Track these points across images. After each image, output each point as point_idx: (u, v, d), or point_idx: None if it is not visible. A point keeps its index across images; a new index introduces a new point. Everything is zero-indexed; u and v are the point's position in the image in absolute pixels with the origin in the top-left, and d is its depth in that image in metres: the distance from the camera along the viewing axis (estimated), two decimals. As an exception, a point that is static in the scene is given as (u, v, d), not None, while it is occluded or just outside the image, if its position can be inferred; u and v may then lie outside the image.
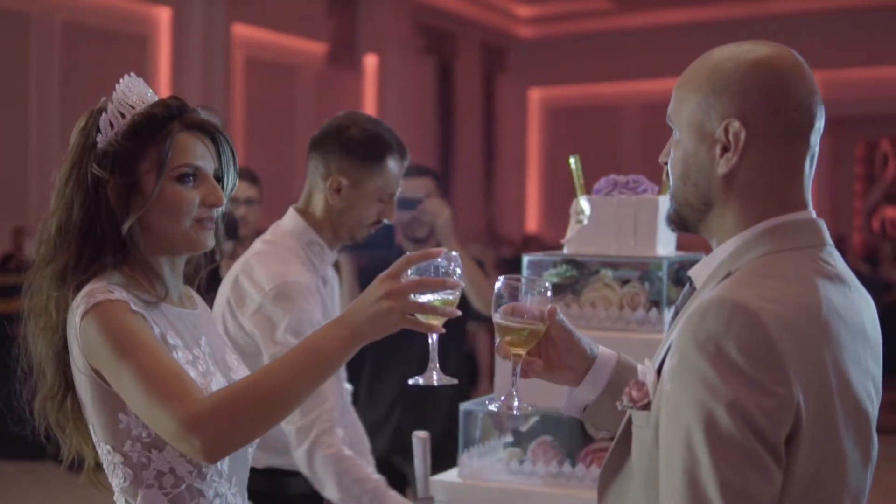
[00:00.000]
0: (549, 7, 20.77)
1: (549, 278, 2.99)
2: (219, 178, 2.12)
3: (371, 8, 18.08)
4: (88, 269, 2.02)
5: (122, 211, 2.02)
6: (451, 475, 2.99)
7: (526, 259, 3.08)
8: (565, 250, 3.12)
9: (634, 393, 1.72)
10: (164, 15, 14.80)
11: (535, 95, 22.27)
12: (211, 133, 2.10)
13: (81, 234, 2.02)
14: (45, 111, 12.59)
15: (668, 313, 2.84)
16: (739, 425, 1.52)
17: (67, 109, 12.89)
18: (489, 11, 20.49)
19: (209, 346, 2.13)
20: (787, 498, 1.57)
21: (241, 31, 15.79)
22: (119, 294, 1.98)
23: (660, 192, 3.08)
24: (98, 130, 2.03)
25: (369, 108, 18.38)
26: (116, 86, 2.07)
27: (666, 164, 1.85)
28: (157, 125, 2.04)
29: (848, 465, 1.65)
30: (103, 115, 2.05)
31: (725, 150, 1.73)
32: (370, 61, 18.37)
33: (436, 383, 1.89)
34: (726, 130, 1.72)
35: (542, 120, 22.09)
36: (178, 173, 2.05)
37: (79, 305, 1.97)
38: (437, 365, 1.90)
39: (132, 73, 2.13)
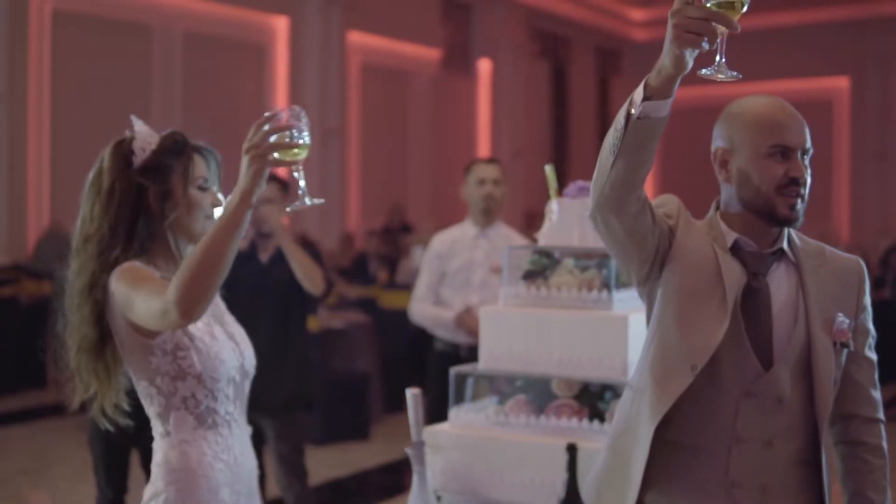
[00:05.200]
0: (663, 10, 20.63)
1: (525, 266, 3.63)
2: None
3: (485, 13, 18.20)
4: (129, 254, 2.63)
5: (158, 211, 2.66)
6: (442, 426, 3.53)
7: (508, 249, 3.74)
8: (539, 243, 3.71)
9: (845, 335, 2.48)
10: (281, 24, 15.12)
11: (651, 98, 22.15)
12: (207, 154, 2.76)
13: (128, 229, 2.64)
14: (167, 118, 12.94)
15: (616, 294, 3.44)
16: None
17: (189, 116, 13.26)
18: (603, 16, 20.49)
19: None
20: None
21: (356, 38, 16.02)
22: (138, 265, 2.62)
23: None
24: (133, 153, 2.66)
25: (483, 112, 18.49)
26: (134, 128, 2.72)
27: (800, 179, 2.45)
28: (180, 147, 2.70)
29: None
30: (134, 143, 2.67)
31: None
32: (484, 66, 18.48)
33: (308, 204, 2.35)
34: None
35: (658, 122, 21.96)
36: (199, 184, 2.71)
37: (111, 279, 2.59)
38: (305, 191, 2.36)
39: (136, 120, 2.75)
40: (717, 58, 2.09)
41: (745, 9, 2.06)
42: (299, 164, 2.35)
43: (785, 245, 2.52)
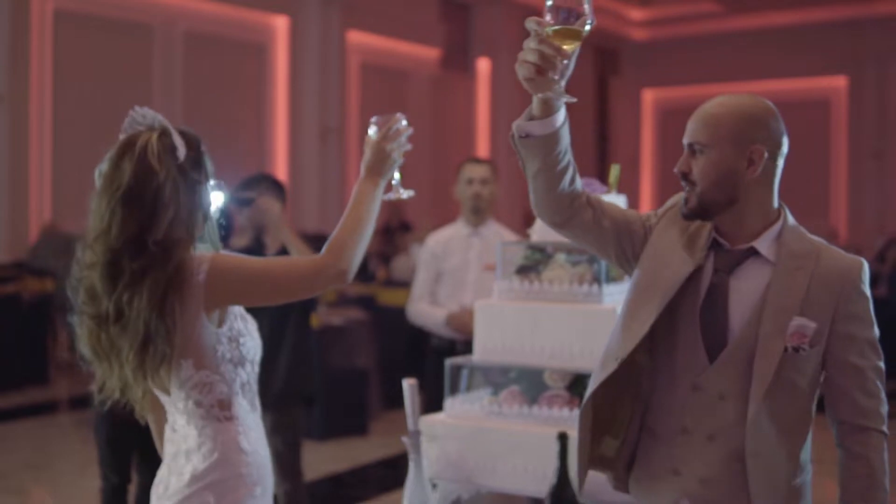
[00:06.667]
0: (661, 10, 20.80)
1: (518, 261, 3.74)
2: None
3: (483, 13, 18.26)
4: (190, 249, 2.61)
5: (206, 206, 2.64)
6: (438, 416, 3.64)
7: (502, 245, 3.86)
8: (532, 239, 3.82)
9: (801, 339, 2.44)
10: (281, 23, 15.18)
11: (649, 97, 22.24)
12: None
13: (192, 224, 2.60)
14: (167, 118, 12.92)
15: (606, 288, 3.55)
16: None
17: (190, 116, 13.32)
18: (602, 15, 20.45)
19: None
20: None
21: (355, 37, 16.09)
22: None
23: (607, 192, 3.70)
24: (176, 148, 2.57)
25: (482, 111, 18.54)
26: (140, 113, 2.67)
27: (686, 173, 2.52)
28: (201, 145, 2.67)
29: None
30: (173, 137, 2.58)
31: (752, 163, 2.49)
32: (483, 65, 18.54)
33: (404, 196, 2.85)
34: (753, 151, 2.49)
35: (656, 120, 22.07)
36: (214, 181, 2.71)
37: (198, 270, 2.54)
38: (399, 183, 2.86)
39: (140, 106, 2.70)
40: (555, 78, 2.29)
41: (586, 29, 2.26)
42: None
43: (760, 243, 2.54)
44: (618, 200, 3.61)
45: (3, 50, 11.84)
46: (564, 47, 2.25)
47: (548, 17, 2.23)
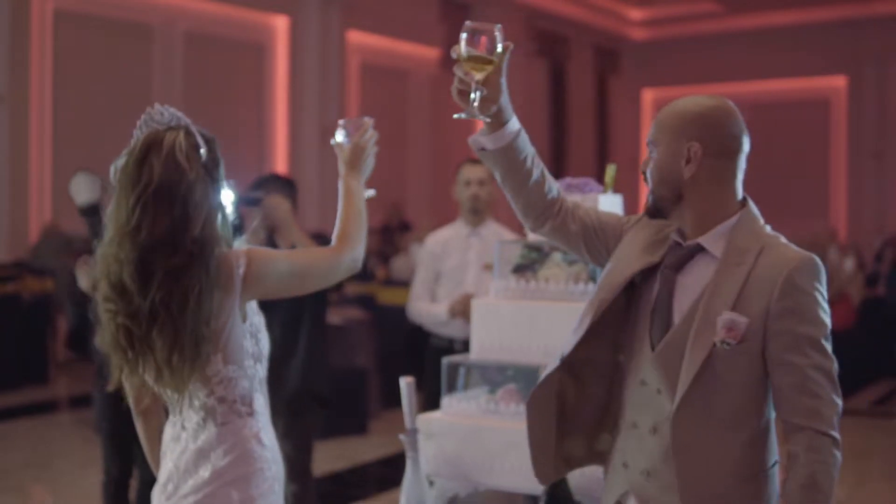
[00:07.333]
0: (661, 10, 20.82)
1: (515, 260, 3.81)
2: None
3: (483, 12, 18.27)
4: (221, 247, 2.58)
5: (220, 207, 2.60)
6: (435, 414, 3.68)
7: (499, 244, 3.93)
8: (529, 238, 3.83)
9: (729, 333, 2.41)
10: (281, 23, 15.20)
11: (648, 96, 22.28)
12: None
13: (218, 225, 2.56)
14: (168, 118, 13.00)
15: None
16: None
17: (189, 116, 13.32)
18: (601, 15, 20.57)
19: None
20: None
21: (355, 37, 16.10)
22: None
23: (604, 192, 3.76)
24: (199, 146, 2.56)
25: (482, 111, 18.57)
26: (158, 111, 2.64)
27: (646, 172, 2.59)
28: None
29: None
30: (196, 136, 2.56)
31: (689, 161, 2.51)
32: (482, 65, 18.55)
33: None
34: (689, 149, 2.51)
35: (655, 121, 22.10)
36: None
37: (238, 265, 2.54)
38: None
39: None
40: (472, 96, 2.47)
41: (497, 54, 2.48)
42: None
43: (707, 239, 2.54)
44: (614, 200, 3.64)
45: (3, 50, 11.86)
46: (475, 73, 2.46)
47: (462, 45, 2.43)
